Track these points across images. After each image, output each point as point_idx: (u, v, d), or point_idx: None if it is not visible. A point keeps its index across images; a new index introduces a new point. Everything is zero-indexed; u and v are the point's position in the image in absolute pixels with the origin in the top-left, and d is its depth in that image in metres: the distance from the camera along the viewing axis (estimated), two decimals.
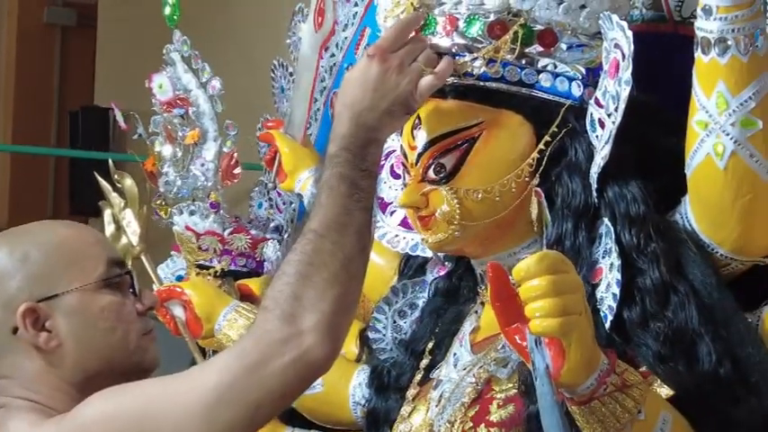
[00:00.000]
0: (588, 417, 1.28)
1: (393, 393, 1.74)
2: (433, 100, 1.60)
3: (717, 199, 1.43)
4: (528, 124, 1.57)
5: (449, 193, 1.56)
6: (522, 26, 1.55)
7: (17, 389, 1.43)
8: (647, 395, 1.31)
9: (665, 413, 1.32)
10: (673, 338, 1.40)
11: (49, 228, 1.56)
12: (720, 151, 1.38)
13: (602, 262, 1.48)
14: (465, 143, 1.57)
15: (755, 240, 1.45)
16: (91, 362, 1.44)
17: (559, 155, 1.56)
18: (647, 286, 1.44)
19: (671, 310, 1.42)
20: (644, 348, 1.41)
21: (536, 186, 1.53)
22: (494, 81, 1.57)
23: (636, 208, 1.48)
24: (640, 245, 1.46)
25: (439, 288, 1.80)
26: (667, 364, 1.39)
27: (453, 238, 1.58)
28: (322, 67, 2.44)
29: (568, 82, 1.58)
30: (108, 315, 1.44)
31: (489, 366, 1.58)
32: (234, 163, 2.47)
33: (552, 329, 1.21)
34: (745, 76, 1.36)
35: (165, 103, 2.48)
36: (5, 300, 1.40)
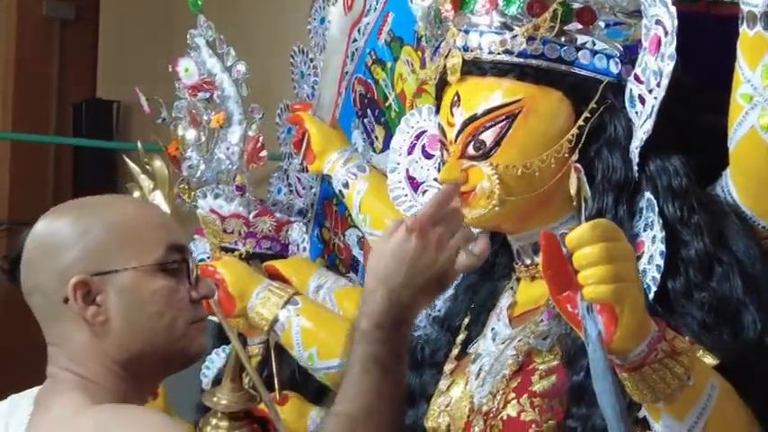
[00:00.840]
0: (639, 383, 1.28)
1: (428, 369, 1.74)
2: (472, 78, 1.60)
3: (760, 171, 1.42)
4: (567, 101, 1.57)
5: (489, 168, 1.56)
6: (561, 4, 1.55)
7: (65, 360, 1.43)
8: (695, 362, 1.30)
9: (713, 380, 1.32)
10: (717, 308, 1.41)
11: (117, 204, 1.53)
12: (765, 124, 1.38)
13: (644, 235, 1.48)
14: (504, 120, 1.57)
15: None
16: (135, 343, 1.43)
17: (598, 131, 1.56)
18: (691, 257, 1.44)
19: (715, 280, 1.42)
20: (688, 318, 1.41)
21: (575, 162, 1.54)
22: (533, 58, 1.57)
23: (678, 181, 1.48)
24: (684, 217, 1.46)
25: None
26: (712, 333, 1.39)
27: (493, 213, 1.58)
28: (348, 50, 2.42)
29: (607, 59, 1.58)
30: (158, 299, 1.42)
31: (529, 339, 1.59)
32: (260, 146, 2.47)
33: (605, 296, 1.22)
34: None
35: (190, 86, 2.48)
36: (61, 269, 1.40)
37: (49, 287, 1.41)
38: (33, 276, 1.45)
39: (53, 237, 1.44)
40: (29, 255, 1.46)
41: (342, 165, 2.19)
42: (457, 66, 1.62)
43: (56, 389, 1.43)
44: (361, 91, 2.40)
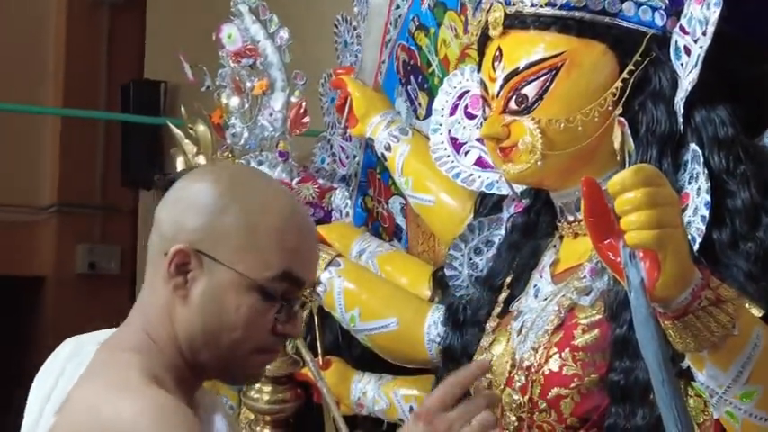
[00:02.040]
0: (681, 331, 1.27)
1: (470, 328, 1.76)
2: (514, 32, 1.60)
3: None
4: (611, 53, 1.57)
5: (531, 123, 1.56)
6: None
7: (140, 314, 1.43)
8: (741, 311, 1.30)
9: (758, 329, 1.31)
10: (764, 258, 1.40)
11: (274, 203, 1.41)
12: None
13: (688, 187, 1.48)
14: (547, 73, 1.57)
15: None
16: (196, 337, 1.38)
17: (643, 84, 1.56)
18: (737, 207, 1.44)
19: (762, 230, 1.42)
20: (734, 269, 1.40)
21: (619, 116, 1.54)
22: (576, 10, 1.57)
23: (724, 131, 1.48)
24: (730, 167, 1.46)
25: (516, 224, 1.80)
26: (759, 284, 1.38)
27: (535, 168, 1.58)
28: (390, 17, 2.44)
29: (651, 11, 1.58)
30: (240, 314, 1.35)
31: (572, 295, 1.59)
32: (303, 112, 2.47)
33: (648, 241, 1.21)
34: None
35: (233, 53, 2.48)
36: (179, 226, 1.36)
37: (165, 232, 1.39)
38: (162, 211, 1.42)
39: (196, 194, 1.40)
40: (172, 192, 1.44)
41: (384, 128, 2.20)
42: (499, 20, 1.62)
43: (120, 343, 1.41)
44: (405, 58, 2.41)
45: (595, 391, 1.50)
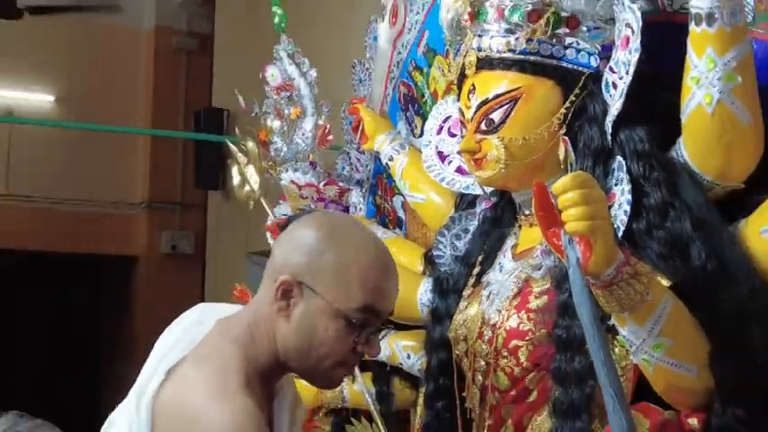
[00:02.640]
0: (608, 297, 1.29)
1: (451, 295, 1.75)
2: (484, 71, 1.60)
3: (706, 137, 1.43)
4: (557, 88, 1.57)
5: (497, 140, 1.56)
6: (553, 13, 1.55)
7: (251, 313, 1.41)
8: (653, 282, 1.31)
9: (666, 296, 1.33)
10: (671, 242, 1.41)
11: (361, 247, 1.39)
12: (709, 101, 1.39)
13: (615, 189, 1.49)
14: (509, 103, 1.57)
15: (734, 169, 1.45)
16: (290, 349, 1.35)
17: (581, 111, 1.57)
18: (651, 204, 1.44)
19: (670, 221, 1.42)
20: (648, 251, 1.42)
21: (563, 135, 1.53)
22: (531, 55, 1.57)
23: (642, 146, 1.48)
24: (646, 173, 1.46)
25: (487, 217, 1.80)
26: (667, 262, 1.39)
27: (500, 175, 1.58)
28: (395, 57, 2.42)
29: (588, 55, 1.58)
30: (327, 336, 1.33)
31: (527, 270, 1.60)
32: (327, 132, 2.46)
33: (582, 230, 1.23)
34: (727, 42, 1.36)
35: (275, 88, 2.49)
36: (287, 260, 1.35)
37: (276, 264, 1.37)
38: (277, 248, 1.42)
39: (302, 237, 1.38)
40: (285, 233, 1.44)
41: (388, 143, 2.19)
42: (473, 62, 1.62)
43: (230, 329, 1.38)
44: (405, 91, 2.40)
45: (544, 342, 1.51)
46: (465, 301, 1.69)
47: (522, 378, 1.54)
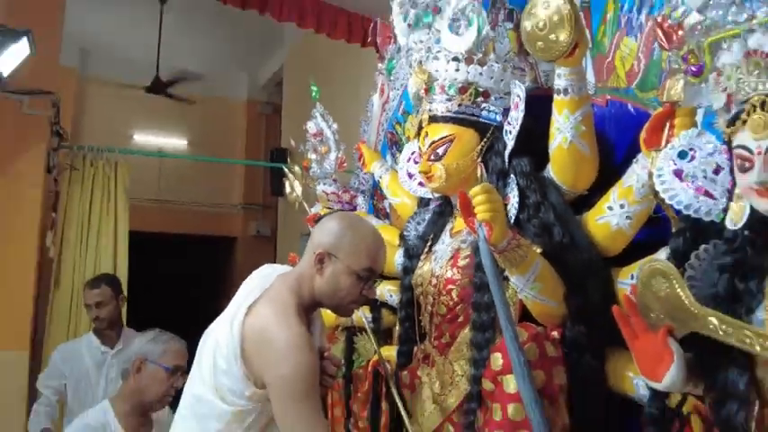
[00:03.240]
0: (503, 259, 1.27)
1: (414, 258, 1.71)
2: (433, 124, 1.56)
3: (563, 163, 1.40)
4: (476, 134, 1.53)
5: (441, 166, 1.53)
6: (474, 89, 1.52)
7: (297, 273, 1.41)
8: (530, 250, 1.30)
9: (539, 259, 1.31)
10: (542, 226, 1.39)
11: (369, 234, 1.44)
12: (565, 141, 1.36)
13: (510, 194, 1.46)
14: (447, 143, 1.53)
15: (580, 182, 1.41)
16: (320, 295, 1.39)
17: (490, 148, 1.52)
18: (530, 203, 1.42)
19: (541, 213, 1.40)
20: (528, 231, 1.39)
21: (480, 162, 1.52)
22: (460, 114, 1.53)
23: (526, 168, 1.46)
24: (528, 185, 1.44)
25: (435, 211, 1.77)
26: (539, 238, 1.37)
27: (442, 186, 1.56)
28: (383, 116, 2.42)
29: (495, 114, 1.53)
30: (344, 286, 1.37)
31: (458, 243, 1.57)
32: (343, 161, 2.46)
33: (487, 218, 1.21)
34: (576, 106, 1.33)
35: (312, 134, 2.49)
36: (322, 240, 1.39)
37: (314, 241, 1.40)
38: (315, 232, 1.44)
39: (330, 226, 1.42)
40: (320, 224, 1.46)
41: (379, 168, 2.18)
42: (426, 118, 1.58)
43: (285, 281, 1.40)
44: (390, 137, 2.39)
45: (467, 286, 1.48)
46: (422, 262, 1.66)
47: (453, 308, 1.52)
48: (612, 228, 1.31)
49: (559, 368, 1.27)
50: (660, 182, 1.06)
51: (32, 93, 3.32)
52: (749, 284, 0.93)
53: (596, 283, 1.31)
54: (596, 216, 1.35)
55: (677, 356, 0.94)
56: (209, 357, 1.35)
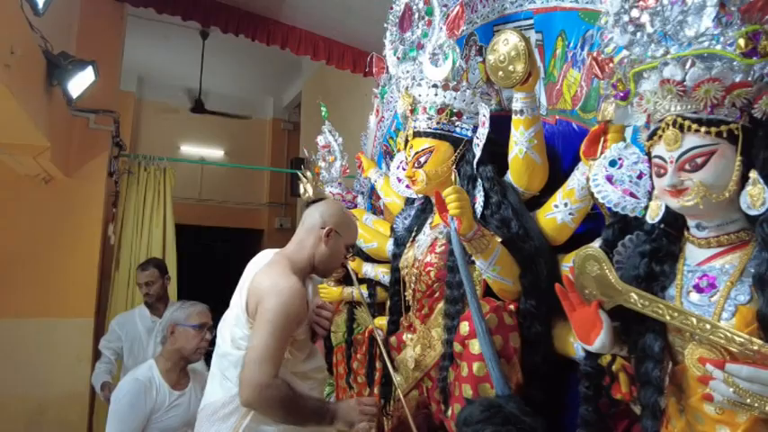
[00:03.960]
0: (470, 246, 1.26)
1: (401, 245, 1.71)
2: (417, 138, 1.55)
3: (519, 170, 1.39)
4: (451, 146, 1.52)
5: (422, 172, 1.52)
6: (450, 110, 1.51)
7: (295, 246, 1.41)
8: (492, 239, 1.29)
9: (499, 246, 1.30)
10: (502, 220, 1.37)
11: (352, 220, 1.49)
12: (521, 152, 1.35)
13: (477, 195, 1.44)
14: (428, 153, 1.52)
15: (533, 185, 1.40)
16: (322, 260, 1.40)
17: (462, 157, 1.51)
18: (493, 202, 1.40)
19: (502, 210, 1.38)
20: (491, 225, 1.37)
21: (454, 169, 1.51)
22: (439, 130, 1.53)
23: (490, 174, 1.44)
24: (491, 187, 1.42)
25: (418, 208, 1.76)
26: (500, 230, 1.36)
27: (423, 189, 1.54)
28: (378, 132, 2.40)
29: (467, 130, 1.53)
30: (339, 254, 1.40)
31: (436, 233, 1.56)
32: (346, 168, 2.45)
33: (457, 213, 1.20)
34: (530, 123, 1.32)
35: (322, 146, 2.48)
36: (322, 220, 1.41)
37: (315, 221, 1.41)
38: (310, 213, 1.44)
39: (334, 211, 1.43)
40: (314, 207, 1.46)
41: (374, 173, 2.17)
42: (410, 133, 1.57)
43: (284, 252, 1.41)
44: (385, 149, 2.37)
45: (442, 268, 1.47)
46: (407, 249, 1.66)
47: (431, 285, 1.51)
48: (558, 222, 1.31)
49: (515, 334, 1.27)
50: (595, 185, 1.06)
51: (97, 111, 3.31)
52: (664, 267, 0.94)
53: (544, 266, 1.31)
54: (545, 213, 1.35)
55: (606, 325, 0.95)
56: (229, 321, 1.36)
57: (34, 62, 2.25)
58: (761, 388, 0.69)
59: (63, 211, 3.18)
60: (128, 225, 3.55)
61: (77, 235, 3.20)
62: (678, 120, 0.85)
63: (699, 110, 0.84)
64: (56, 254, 3.14)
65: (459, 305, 1.37)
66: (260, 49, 4.47)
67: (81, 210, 3.22)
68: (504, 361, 1.23)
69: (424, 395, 1.54)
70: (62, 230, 3.17)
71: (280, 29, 3.61)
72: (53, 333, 3.10)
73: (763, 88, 0.81)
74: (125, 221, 3.56)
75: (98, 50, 3.08)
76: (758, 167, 0.81)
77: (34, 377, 3.02)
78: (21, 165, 2.81)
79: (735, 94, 0.81)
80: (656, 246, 0.95)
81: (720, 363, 0.72)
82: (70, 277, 3.15)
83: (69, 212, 3.19)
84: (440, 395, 1.39)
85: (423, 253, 1.55)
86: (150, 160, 3.71)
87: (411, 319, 1.61)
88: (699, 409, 0.89)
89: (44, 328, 3.09)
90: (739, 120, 0.83)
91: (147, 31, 4.81)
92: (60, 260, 3.14)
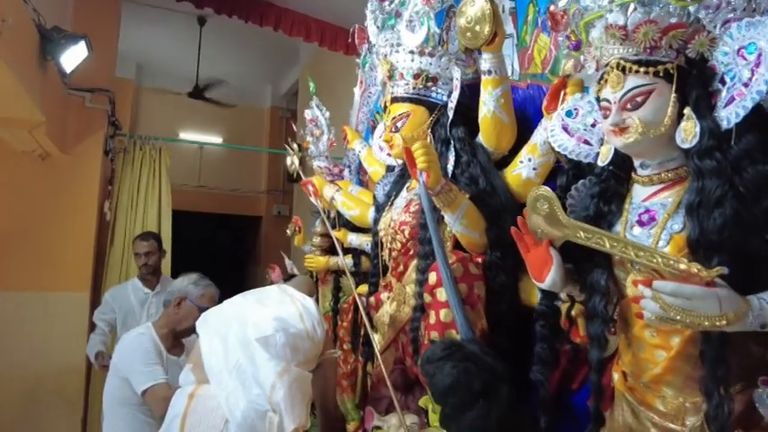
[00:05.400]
0: (438, 200, 1.29)
1: (382, 210, 1.72)
2: (395, 103, 1.57)
3: (488, 130, 1.42)
4: (426, 111, 1.54)
5: (399, 136, 1.54)
6: (426, 75, 1.53)
7: None
8: (459, 194, 1.32)
9: (466, 201, 1.34)
10: (471, 177, 1.41)
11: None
12: (489, 112, 1.38)
13: (450, 155, 1.47)
14: (405, 117, 1.54)
15: (502, 145, 1.43)
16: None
17: (437, 121, 1.53)
18: (463, 161, 1.43)
19: (471, 168, 1.41)
20: (461, 183, 1.41)
21: (429, 132, 1.53)
22: (415, 95, 1.55)
23: (462, 135, 1.47)
24: (462, 147, 1.45)
25: (397, 173, 1.76)
26: (469, 187, 1.39)
27: (400, 153, 1.55)
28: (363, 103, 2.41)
29: (442, 95, 1.55)
30: None
31: (411, 195, 1.58)
32: (333, 142, 2.46)
33: (424, 166, 1.24)
34: (497, 83, 1.35)
35: (309, 120, 2.49)
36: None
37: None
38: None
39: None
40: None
41: (359, 144, 2.19)
42: (389, 100, 1.59)
43: None
44: (372, 124, 2.38)
45: (416, 226, 1.50)
46: (386, 213, 1.68)
47: (406, 243, 1.54)
48: (523, 177, 1.35)
49: (480, 283, 1.32)
50: (552, 135, 1.11)
51: (93, 91, 3.36)
52: (611, 206, 0.99)
53: (510, 221, 1.31)
54: (512, 169, 1.39)
55: (556, 261, 0.99)
56: None
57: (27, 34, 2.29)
58: (683, 302, 0.74)
59: (59, 187, 3.23)
60: (123, 202, 3.61)
61: (73, 211, 3.26)
62: (621, 62, 0.89)
63: (639, 52, 0.88)
64: (52, 229, 3.19)
65: (431, 259, 1.40)
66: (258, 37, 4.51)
67: (77, 186, 3.27)
68: (469, 307, 1.27)
69: (400, 351, 1.58)
70: (58, 206, 3.23)
71: (272, 11, 3.64)
72: (50, 306, 3.16)
73: (697, 30, 0.86)
74: (120, 199, 3.61)
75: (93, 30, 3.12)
76: (691, 104, 0.86)
77: (32, 349, 3.09)
78: (17, 139, 2.86)
79: (671, 36, 0.86)
80: (605, 186, 1.00)
81: (648, 281, 0.77)
82: (67, 252, 3.21)
83: (65, 189, 3.24)
84: (412, 346, 1.43)
85: (399, 214, 1.59)
86: (145, 140, 3.76)
87: (388, 278, 1.65)
88: (640, 338, 0.95)
89: (41, 301, 3.15)
90: (675, 60, 0.87)
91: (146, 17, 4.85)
92: (57, 235, 3.20)
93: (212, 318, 1.15)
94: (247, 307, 1.11)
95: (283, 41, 4.11)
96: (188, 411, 1.05)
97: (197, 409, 1.04)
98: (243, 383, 1.00)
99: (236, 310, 1.12)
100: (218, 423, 1.00)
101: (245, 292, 1.21)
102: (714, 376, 0.79)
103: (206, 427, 1.00)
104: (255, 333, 1.03)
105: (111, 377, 1.75)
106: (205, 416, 1.02)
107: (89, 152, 3.34)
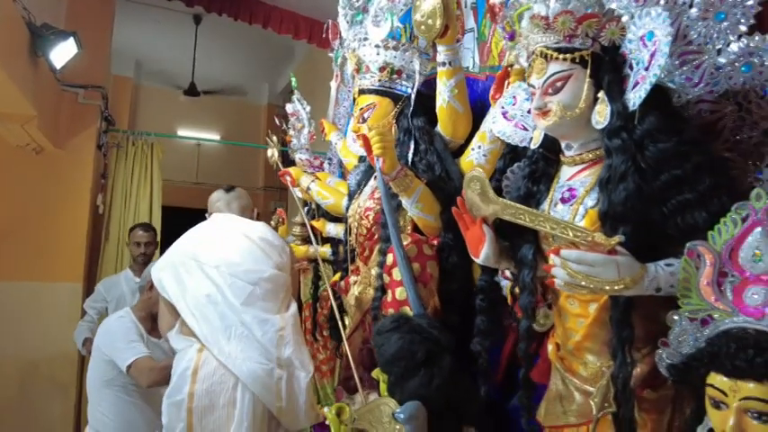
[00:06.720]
0: (394, 185, 1.34)
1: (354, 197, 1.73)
2: (363, 95, 1.61)
3: (444, 119, 1.46)
4: (391, 102, 1.58)
5: (366, 126, 1.56)
6: (391, 68, 1.58)
7: None
8: (414, 179, 1.37)
9: (421, 186, 1.38)
10: (427, 164, 1.45)
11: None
12: (444, 102, 1.42)
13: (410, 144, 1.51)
14: (371, 109, 1.58)
15: (458, 133, 1.47)
16: None
17: (401, 113, 1.57)
18: (421, 150, 1.47)
19: (428, 155, 1.45)
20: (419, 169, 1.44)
21: (394, 122, 1.57)
22: (381, 87, 1.59)
23: (422, 124, 1.51)
24: (422, 136, 1.49)
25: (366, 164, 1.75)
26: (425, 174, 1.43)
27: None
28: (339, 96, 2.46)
29: (406, 87, 1.59)
30: None
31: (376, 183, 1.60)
32: (313, 135, 2.49)
33: (380, 153, 1.29)
34: (452, 74, 1.39)
35: (290, 114, 2.54)
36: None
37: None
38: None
39: None
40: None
41: (335, 136, 2.21)
42: (357, 91, 1.63)
43: None
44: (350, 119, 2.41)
45: (378, 210, 1.54)
46: (355, 201, 1.70)
47: (370, 228, 1.58)
48: (475, 163, 1.39)
49: (433, 263, 1.37)
50: (492, 121, 1.18)
51: (86, 87, 3.43)
52: (540, 186, 1.05)
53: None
54: (465, 156, 1.44)
55: (488, 237, 1.05)
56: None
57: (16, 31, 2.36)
58: (587, 268, 0.80)
59: (53, 180, 3.31)
60: (116, 195, 3.68)
61: (66, 204, 3.33)
62: (543, 50, 0.96)
63: (560, 41, 0.95)
64: (46, 221, 3.27)
65: (390, 242, 1.43)
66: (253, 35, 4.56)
67: (70, 180, 3.35)
68: (422, 285, 1.32)
69: (367, 332, 1.64)
70: (52, 199, 3.30)
71: (262, 8, 3.71)
72: (44, 296, 3.24)
73: (610, 19, 0.92)
74: (114, 193, 3.69)
75: (86, 27, 3.19)
76: (605, 88, 0.92)
77: (27, 337, 3.17)
78: (11, 134, 2.93)
79: (586, 25, 0.92)
80: (534, 168, 1.06)
81: (556, 250, 0.83)
82: (60, 243, 3.29)
83: (59, 182, 3.32)
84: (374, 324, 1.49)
85: (365, 200, 1.64)
86: (137, 135, 3.83)
87: (357, 262, 1.70)
88: (564, 308, 1.01)
89: (35, 291, 3.23)
90: (591, 47, 0.93)
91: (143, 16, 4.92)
92: (51, 227, 3.27)
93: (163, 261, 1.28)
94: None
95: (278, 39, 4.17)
96: (199, 364, 1.12)
97: (209, 361, 1.10)
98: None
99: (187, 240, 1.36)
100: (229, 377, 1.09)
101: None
102: (619, 337, 0.85)
103: (219, 375, 1.09)
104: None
105: (94, 360, 1.82)
106: (219, 366, 1.08)
107: (82, 147, 3.41)
